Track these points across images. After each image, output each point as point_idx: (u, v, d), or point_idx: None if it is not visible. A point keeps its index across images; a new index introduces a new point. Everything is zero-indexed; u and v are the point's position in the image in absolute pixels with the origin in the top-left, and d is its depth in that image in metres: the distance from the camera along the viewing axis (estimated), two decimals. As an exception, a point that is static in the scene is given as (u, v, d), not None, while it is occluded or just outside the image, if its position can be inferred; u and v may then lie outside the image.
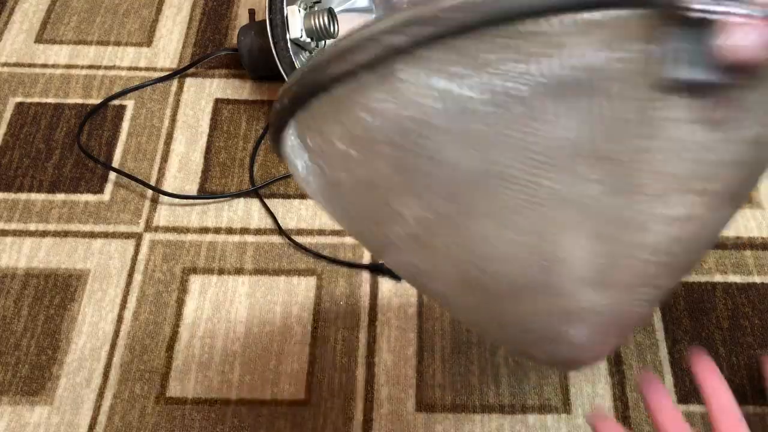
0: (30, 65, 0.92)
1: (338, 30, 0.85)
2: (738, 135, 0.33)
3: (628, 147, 0.32)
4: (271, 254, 0.77)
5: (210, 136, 0.86)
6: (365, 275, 0.76)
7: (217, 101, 0.89)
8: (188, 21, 0.97)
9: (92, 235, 0.79)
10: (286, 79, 0.78)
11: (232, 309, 0.74)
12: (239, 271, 0.76)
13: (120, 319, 0.73)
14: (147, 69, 0.92)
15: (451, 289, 0.40)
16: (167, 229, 0.79)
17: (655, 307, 0.69)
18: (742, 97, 0.32)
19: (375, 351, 0.72)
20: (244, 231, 0.79)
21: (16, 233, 0.79)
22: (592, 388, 0.69)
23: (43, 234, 0.79)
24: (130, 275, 0.76)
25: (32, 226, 0.79)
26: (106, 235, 0.79)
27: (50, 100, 0.89)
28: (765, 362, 0.42)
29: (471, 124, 0.32)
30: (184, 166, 0.84)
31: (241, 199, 0.81)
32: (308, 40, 0.82)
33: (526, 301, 0.37)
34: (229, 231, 0.79)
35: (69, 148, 0.85)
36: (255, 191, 0.82)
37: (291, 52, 0.79)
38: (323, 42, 0.86)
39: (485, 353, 0.71)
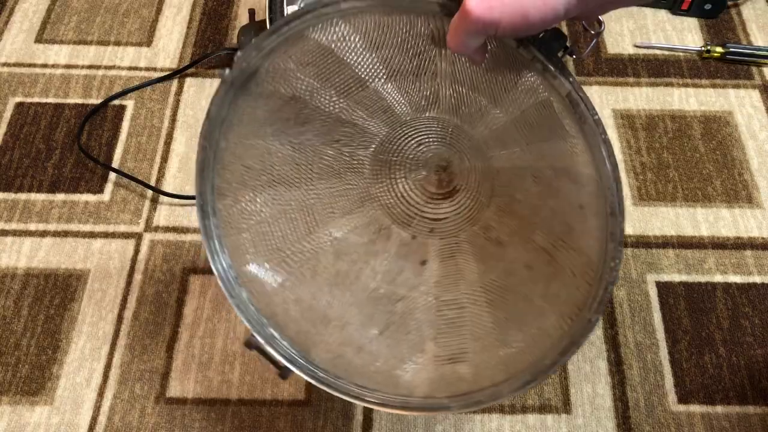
0: (30, 65, 0.92)
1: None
2: None
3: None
4: (271, 254, 0.77)
5: (210, 136, 0.86)
6: (365, 275, 0.76)
7: (217, 101, 0.89)
8: (188, 21, 0.97)
9: (92, 235, 0.79)
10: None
11: (232, 309, 0.74)
12: (239, 271, 0.76)
13: (120, 319, 0.73)
14: (147, 69, 0.92)
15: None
16: (167, 229, 0.79)
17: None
18: None
19: (375, 351, 0.72)
20: (244, 231, 0.79)
21: (16, 233, 0.79)
22: (592, 388, 0.69)
23: (43, 234, 0.78)
24: (130, 275, 0.76)
25: (32, 226, 0.79)
26: (106, 235, 0.79)
27: (50, 100, 0.89)
28: None
29: None
30: (184, 165, 0.84)
31: (241, 199, 0.81)
32: (308, 40, 0.82)
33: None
34: (229, 231, 0.79)
35: (69, 148, 0.85)
36: (255, 191, 0.82)
37: (291, 52, 0.79)
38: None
39: (485, 353, 0.71)
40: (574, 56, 0.45)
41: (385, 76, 0.52)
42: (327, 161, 0.58)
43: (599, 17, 0.44)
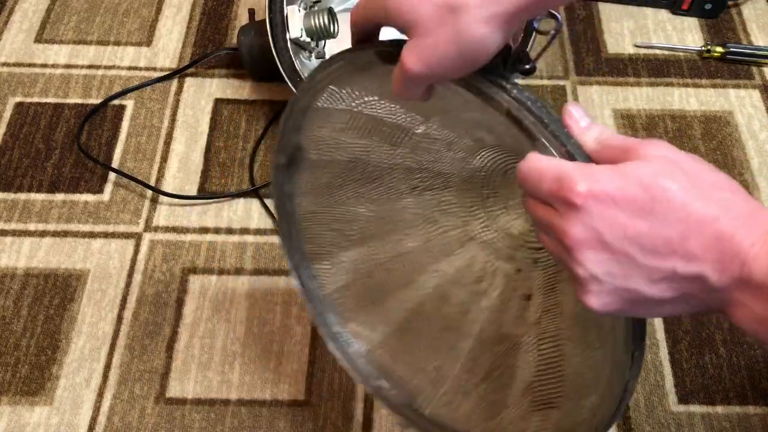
0: (29, 65, 0.92)
1: (338, 30, 0.84)
2: None
3: None
4: (271, 254, 0.77)
5: (210, 136, 0.86)
6: (365, 275, 0.76)
7: (217, 101, 0.89)
8: (188, 21, 0.97)
9: (92, 235, 0.79)
10: (285, 78, 0.78)
11: (232, 309, 0.74)
12: (239, 271, 0.76)
13: (120, 319, 0.73)
14: (147, 69, 0.92)
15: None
16: (167, 229, 0.79)
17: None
18: None
19: (375, 351, 0.72)
20: (244, 231, 0.79)
21: (15, 233, 0.78)
22: (593, 388, 0.69)
23: (43, 234, 0.78)
24: (130, 275, 0.76)
25: (32, 226, 0.79)
26: (105, 235, 0.79)
27: (50, 100, 0.89)
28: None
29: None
30: (183, 166, 0.84)
31: (241, 200, 0.81)
32: (308, 39, 0.82)
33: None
34: (229, 231, 0.79)
35: (69, 148, 0.85)
36: (255, 191, 0.82)
37: (291, 52, 0.79)
38: (323, 42, 0.86)
39: (485, 353, 0.71)
40: (527, 68, 0.39)
41: (422, 118, 0.50)
42: (412, 209, 0.56)
43: (552, 11, 0.39)
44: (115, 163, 0.84)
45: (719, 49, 0.92)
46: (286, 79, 0.78)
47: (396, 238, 0.57)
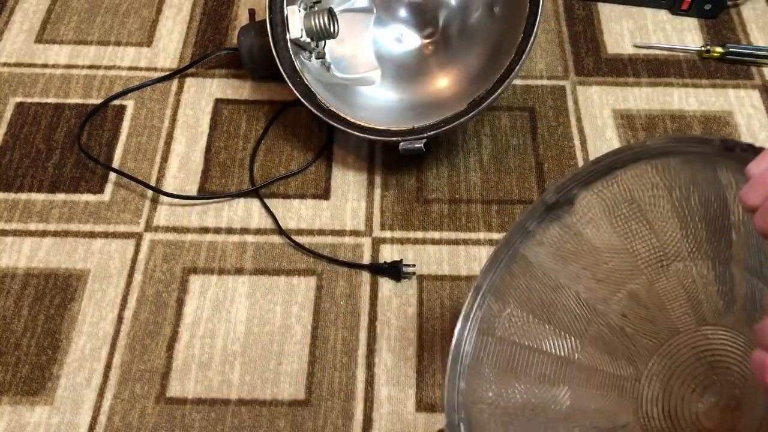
0: (30, 65, 0.92)
1: (338, 30, 0.84)
2: None
3: None
4: (271, 254, 0.77)
5: (210, 136, 0.86)
6: (365, 275, 0.76)
7: (217, 101, 0.89)
8: (188, 21, 0.97)
9: (92, 235, 0.79)
10: (285, 78, 0.78)
11: (232, 309, 0.74)
12: (239, 271, 0.76)
13: (120, 319, 0.73)
14: (147, 69, 0.92)
15: None
16: (167, 229, 0.79)
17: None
18: None
19: (375, 351, 0.72)
20: (244, 231, 0.79)
21: (16, 233, 0.79)
22: (592, 388, 0.69)
23: (43, 234, 0.79)
24: (130, 275, 0.76)
25: (32, 226, 0.79)
26: (106, 235, 0.79)
27: (50, 100, 0.89)
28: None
29: None
30: (184, 166, 0.84)
31: (241, 199, 0.81)
32: (308, 40, 0.82)
33: None
34: (229, 231, 0.79)
35: (69, 148, 0.85)
36: (255, 191, 0.82)
37: (291, 52, 0.79)
38: (323, 42, 0.86)
39: (485, 353, 0.71)
40: None
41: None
42: (605, 333, 0.53)
43: None
44: (115, 163, 0.84)
45: (719, 49, 0.92)
46: (286, 79, 0.78)
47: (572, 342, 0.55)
